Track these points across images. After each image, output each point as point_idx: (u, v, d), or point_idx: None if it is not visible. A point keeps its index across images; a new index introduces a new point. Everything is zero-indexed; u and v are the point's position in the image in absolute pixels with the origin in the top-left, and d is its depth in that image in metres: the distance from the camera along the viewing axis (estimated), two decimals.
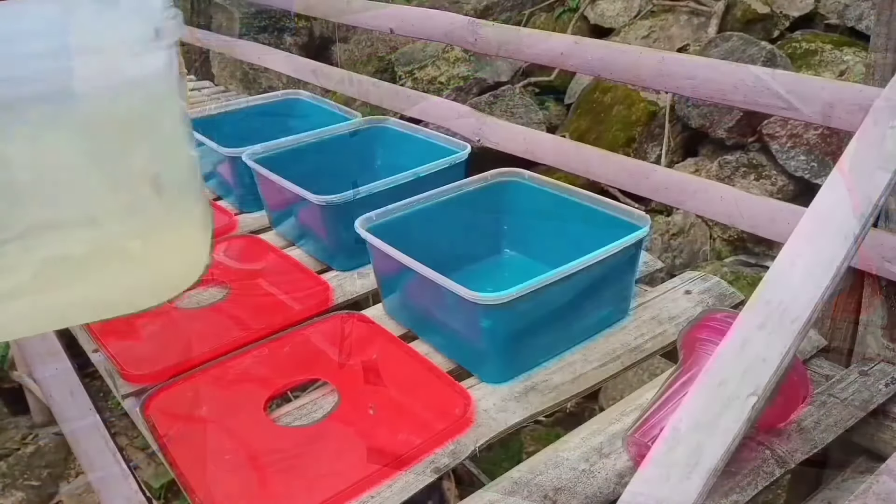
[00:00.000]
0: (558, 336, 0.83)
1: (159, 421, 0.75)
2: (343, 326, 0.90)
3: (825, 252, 0.53)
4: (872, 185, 0.55)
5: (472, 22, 1.22)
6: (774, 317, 0.52)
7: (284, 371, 0.83)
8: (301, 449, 0.72)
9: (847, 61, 1.85)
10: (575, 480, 0.67)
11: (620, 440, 0.72)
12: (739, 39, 1.86)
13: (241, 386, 0.81)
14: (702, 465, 0.48)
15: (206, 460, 0.70)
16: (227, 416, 0.76)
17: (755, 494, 0.67)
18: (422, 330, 0.88)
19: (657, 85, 0.98)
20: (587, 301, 0.83)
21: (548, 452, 0.71)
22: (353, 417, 0.75)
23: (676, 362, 0.75)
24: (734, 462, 0.69)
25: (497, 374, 0.80)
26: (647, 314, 0.91)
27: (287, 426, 0.75)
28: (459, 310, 0.77)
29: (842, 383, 0.82)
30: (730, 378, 0.50)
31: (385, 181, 1.00)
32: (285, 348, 0.86)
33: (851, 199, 0.55)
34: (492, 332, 0.76)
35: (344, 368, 0.83)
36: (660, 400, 0.69)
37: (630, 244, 0.82)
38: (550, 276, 0.75)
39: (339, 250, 1.01)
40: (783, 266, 0.54)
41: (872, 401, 0.79)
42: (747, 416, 0.49)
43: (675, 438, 0.49)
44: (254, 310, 0.94)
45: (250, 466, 0.69)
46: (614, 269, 0.84)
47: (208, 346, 0.86)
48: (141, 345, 0.89)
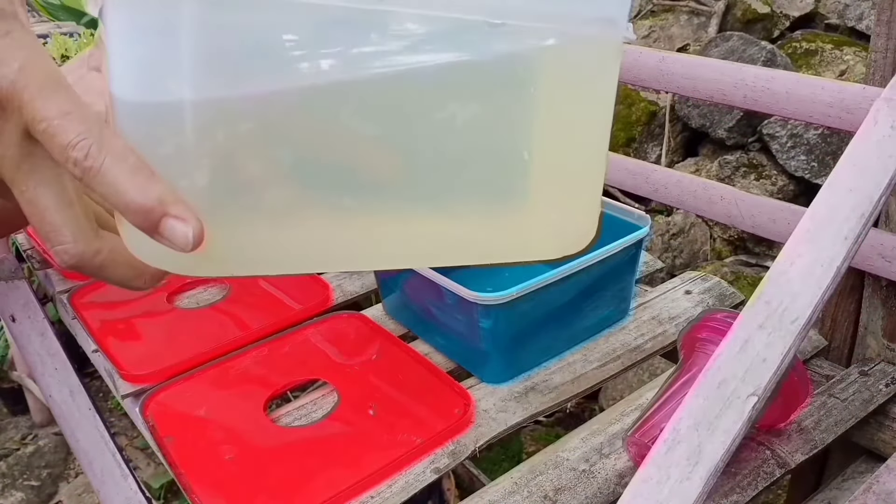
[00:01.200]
0: (558, 336, 0.83)
1: (159, 421, 0.75)
2: (343, 326, 0.90)
3: (825, 252, 0.53)
4: (872, 184, 0.55)
5: None
6: (774, 317, 0.52)
7: (284, 371, 0.83)
8: (301, 449, 0.72)
9: (847, 61, 1.85)
10: (575, 480, 0.67)
11: (620, 440, 0.72)
12: (739, 39, 1.86)
13: (240, 386, 0.81)
14: (702, 465, 0.48)
15: (206, 460, 0.70)
16: (227, 416, 0.76)
17: (755, 494, 0.67)
18: (422, 330, 0.88)
19: (657, 84, 0.98)
20: (587, 301, 0.83)
21: (548, 452, 0.71)
22: (353, 417, 0.75)
23: (676, 362, 0.75)
24: (734, 462, 0.69)
25: (497, 375, 0.80)
26: (647, 314, 0.91)
27: (287, 426, 0.75)
28: (459, 310, 0.77)
29: (842, 383, 0.82)
30: (730, 378, 0.50)
31: None
32: (285, 348, 0.86)
33: (851, 199, 0.55)
34: (492, 332, 0.76)
35: (344, 368, 0.83)
36: (660, 400, 0.69)
37: (630, 244, 0.82)
38: (550, 276, 0.75)
39: None
40: (783, 266, 0.54)
41: (872, 401, 0.79)
42: (747, 416, 0.49)
43: (675, 438, 0.49)
44: (254, 310, 0.94)
45: (250, 466, 0.69)
46: (614, 269, 0.84)
47: (208, 346, 0.86)
48: (141, 345, 0.89)
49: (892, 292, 0.86)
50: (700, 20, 2.19)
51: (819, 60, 1.88)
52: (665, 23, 2.23)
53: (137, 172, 0.31)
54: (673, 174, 1.04)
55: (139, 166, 0.31)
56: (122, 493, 0.74)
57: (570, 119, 0.34)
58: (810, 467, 0.93)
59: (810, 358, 0.90)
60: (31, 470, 1.82)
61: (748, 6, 2.13)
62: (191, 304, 0.97)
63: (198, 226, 0.32)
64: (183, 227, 0.31)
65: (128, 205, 0.31)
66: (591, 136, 0.35)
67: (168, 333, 0.91)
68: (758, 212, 0.94)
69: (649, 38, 2.20)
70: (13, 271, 1.07)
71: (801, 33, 2.03)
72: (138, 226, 0.32)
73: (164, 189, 0.31)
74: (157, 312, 0.95)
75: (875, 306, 0.88)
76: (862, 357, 0.90)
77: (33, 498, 1.77)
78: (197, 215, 0.32)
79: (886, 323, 0.87)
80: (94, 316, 0.93)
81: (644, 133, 1.97)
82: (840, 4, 2.10)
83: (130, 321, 0.94)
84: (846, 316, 0.91)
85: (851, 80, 1.57)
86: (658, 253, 1.75)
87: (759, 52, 1.79)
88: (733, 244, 1.77)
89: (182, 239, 0.31)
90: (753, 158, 1.78)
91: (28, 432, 1.95)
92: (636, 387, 1.46)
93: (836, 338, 0.92)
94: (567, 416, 1.73)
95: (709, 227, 1.79)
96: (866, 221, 0.54)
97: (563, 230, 0.36)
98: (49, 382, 0.89)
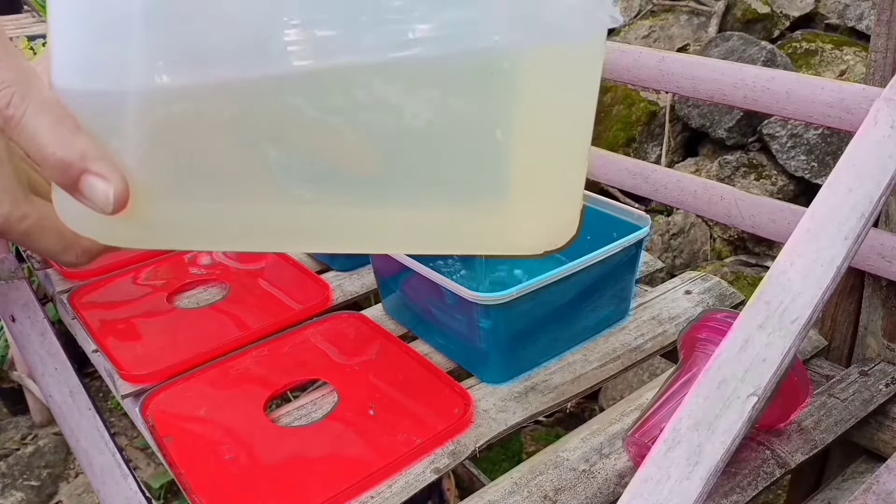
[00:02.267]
0: (558, 336, 0.83)
1: (159, 421, 0.75)
2: (343, 326, 0.90)
3: (825, 252, 0.53)
4: (872, 184, 0.55)
5: None
6: (774, 317, 0.52)
7: (284, 371, 0.83)
8: (301, 449, 0.72)
9: (847, 61, 1.85)
10: (575, 480, 0.67)
11: (620, 440, 0.72)
12: (739, 39, 1.86)
13: (240, 386, 0.81)
14: (702, 465, 0.48)
15: (206, 460, 0.70)
16: (227, 416, 0.76)
17: (755, 494, 0.67)
18: (422, 330, 0.88)
19: (657, 85, 0.98)
20: (587, 301, 0.83)
21: (548, 452, 0.71)
22: (353, 418, 0.75)
23: (676, 362, 0.75)
24: (734, 462, 0.69)
25: (497, 375, 0.80)
26: (647, 314, 0.91)
27: (287, 426, 0.75)
28: (459, 310, 0.77)
29: (842, 383, 0.82)
30: (730, 378, 0.50)
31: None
32: (285, 348, 0.86)
33: (851, 199, 0.55)
34: (492, 332, 0.76)
35: (344, 368, 0.83)
36: (660, 400, 0.69)
37: (630, 244, 0.82)
38: (550, 276, 0.75)
39: None
40: (783, 266, 0.54)
41: (872, 401, 0.79)
42: (747, 416, 0.49)
43: (675, 438, 0.49)
44: (254, 310, 0.94)
45: (250, 466, 0.69)
46: (614, 269, 0.84)
47: (208, 346, 0.86)
48: (141, 345, 0.89)
49: (892, 292, 0.86)
50: (700, 20, 2.19)
51: (819, 60, 1.88)
52: (665, 23, 2.23)
53: (60, 124, 0.29)
54: (673, 174, 1.04)
55: (63, 119, 0.29)
56: (122, 493, 0.74)
57: (552, 114, 0.34)
58: (810, 467, 0.93)
59: (810, 358, 0.90)
60: (31, 470, 1.82)
61: (748, 6, 2.13)
62: (191, 304, 0.97)
63: (121, 186, 0.30)
64: (104, 185, 0.29)
65: (46, 158, 0.29)
66: (574, 131, 0.35)
67: (168, 333, 0.91)
68: (758, 212, 0.94)
69: (649, 38, 2.20)
70: (13, 271, 1.07)
71: (801, 33, 2.03)
72: (58, 182, 0.30)
73: (88, 144, 0.29)
74: (157, 312, 0.95)
75: (875, 306, 0.88)
76: (862, 357, 0.90)
77: (33, 498, 1.77)
78: (123, 176, 0.30)
79: (886, 323, 0.87)
80: (94, 316, 0.93)
81: (644, 133, 1.97)
82: (840, 4, 2.10)
83: (130, 321, 0.94)
84: (846, 316, 0.91)
85: (851, 80, 1.57)
86: (658, 253, 1.75)
87: (759, 52, 1.79)
88: (733, 244, 1.77)
89: (102, 198, 0.29)
90: (753, 158, 1.78)
91: (28, 432, 1.95)
92: (636, 387, 1.46)
93: (836, 338, 0.92)
94: (567, 416, 1.74)
95: (709, 227, 1.79)
96: (866, 221, 0.54)
97: (544, 225, 0.36)
98: (49, 382, 0.89)
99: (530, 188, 0.35)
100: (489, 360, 0.79)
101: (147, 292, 1.00)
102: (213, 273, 1.03)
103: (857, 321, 0.90)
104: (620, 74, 1.01)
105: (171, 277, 1.02)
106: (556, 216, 0.36)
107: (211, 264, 1.06)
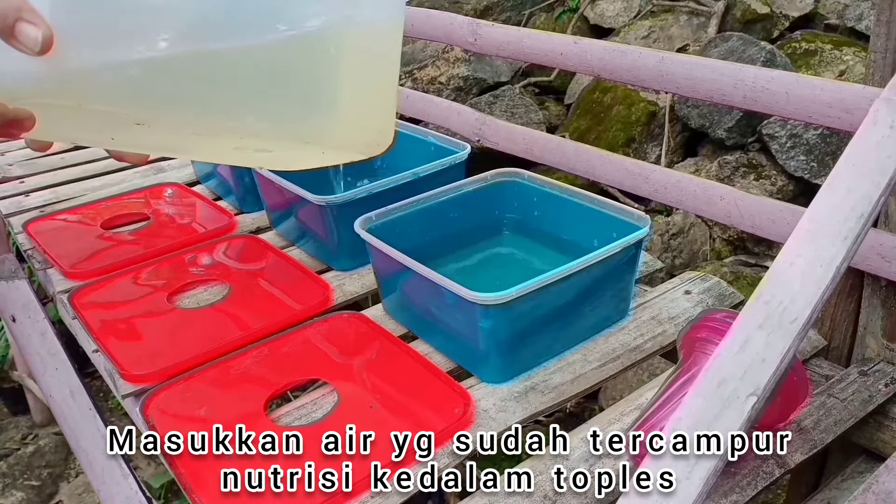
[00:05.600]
0: (558, 336, 0.83)
1: (159, 421, 0.75)
2: (343, 326, 0.90)
3: (825, 252, 0.53)
4: (872, 185, 0.55)
5: (472, 22, 1.22)
6: (774, 317, 0.52)
7: (284, 371, 0.83)
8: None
9: (847, 61, 1.85)
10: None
11: (620, 440, 0.72)
12: (739, 39, 1.86)
13: (241, 386, 0.81)
14: (702, 465, 0.48)
15: (206, 460, 0.70)
16: (227, 416, 0.76)
17: (755, 494, 0.68)
18: (422, 330, 0.89)
19: (657, 85, 0.98)
20: (587, 301, 0.83)
21: (548, 452, 0.71)
22: (353, 417, 0.75)
23: (676, 362, 0.75)
24: (734, 462, 0.69)
25: (497, 375, 0.80)
26: (647, 314, 0.91)
27: (287, 426, 0.75)
28: (459, 310, 0.77)
29: (842, 383, 0.82)
30: (729, 378, 0.50)
31: (385, 181, 1.00)
32: (285, 348, 0.86)
33: (851, 199, 0.55)
34: (492, 332, 0.76)
35: (344, 368, 0.83)
36: (660, 400, 0.69)
37: (630, 244, 0.82)
38: (550, 276, 0.75)
39: (340, 250, 1.01)
40: (783, 266, 0.54)
41: (872, 401, 0.79)
42: (747, 416, 0.49)
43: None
44: (254, 310, 0.94)
45: (250, 466, 0.69)
46: (614, 270, 0.84)
47: (208, 346, 0.86)
48: (141, 345, 0.89)
49: (892, 292, 0.86)
50: (700, 20, 2.19)
51: (819, 60, 1.88)
52: (665, 23, 2.23)
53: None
54: (672, 174, 1.04)
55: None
56: (122, 493, 0.74)
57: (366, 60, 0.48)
58: (810, 467, 0.93)
59: (810, 358, 0.90)
60: (32, 470, 1.82)
61: (748, 6, 2.13)
62: (191, 304, 0.97)
63: (48, 32, 0.39)
64: (34, 30, 0.38)
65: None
66: (383, 68, 0.49)
67: (168, 333, 0.91)
68: (757, 212, 0.94)
69: (649, 39, 2.20)
70: (13, 271, 1.07)
71: (801, 33, 2.03)
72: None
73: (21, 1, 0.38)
74: (158, 312, 0.95)
75: (874, 306, 0.88)
76: (861, 357, 0.90)
77: (34, 498, 1.77)
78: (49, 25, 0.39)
79: (886, 323, 0.87)
80: (95, 316, 0.93)
81: (644, 133, 1.97)
82: (840, 4, 2.10)
83: (131, 321, 0.94)
84: (846, 316, 0.91)
85: (851, 81, 1.57)
86: (658, 253, 1.75)
87: (758, 53, 1.79)
88: (733, 244, 1.77)
89: (32, 40, 0.38)
90: (753, 158, 1.78)
91: (28, 432, 1.95)
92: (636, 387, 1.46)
93: (835, 338, 0.92)
94: (567, 416, 1.73)
95: (708, 227, 1.79)
96: (866, 221, 0.54)
97: (366, 134, 0.50)
98: (49, 382, 0.89)
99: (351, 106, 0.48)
100: (489, 360, 0.79)
101: (147, 292, 1.00)
102: (214, 273, 1.03)
103: (856, 321, 0.90)
104: (620, 75, 1.01)
105: (171, 277, 1.02)
106: (376, 128, 0.50)
107: (211, 264, 1.06)
